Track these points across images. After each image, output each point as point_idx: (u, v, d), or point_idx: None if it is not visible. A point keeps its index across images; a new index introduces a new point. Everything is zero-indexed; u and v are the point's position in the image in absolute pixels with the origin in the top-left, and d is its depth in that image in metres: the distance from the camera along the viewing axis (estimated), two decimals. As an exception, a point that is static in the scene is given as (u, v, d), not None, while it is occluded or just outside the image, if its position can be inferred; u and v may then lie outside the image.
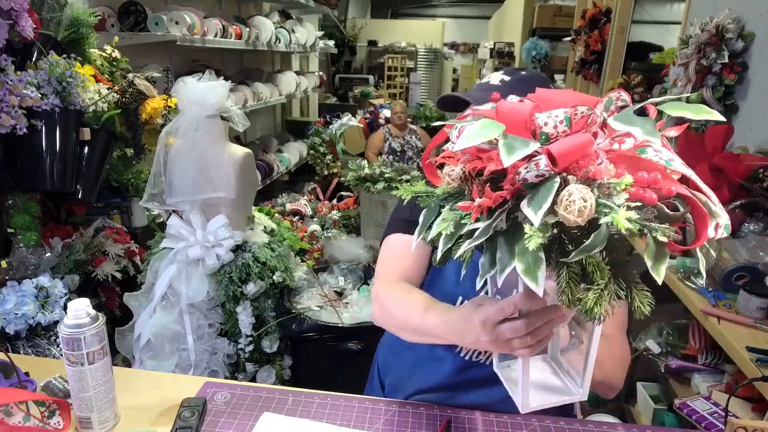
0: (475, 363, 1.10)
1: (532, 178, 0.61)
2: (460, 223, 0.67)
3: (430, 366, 1.13)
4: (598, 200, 0.59)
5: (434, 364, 1.13)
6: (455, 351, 1.11)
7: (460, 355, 1.11)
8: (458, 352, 1.11)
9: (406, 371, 1.17)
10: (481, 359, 1.10)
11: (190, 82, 1.64)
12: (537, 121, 0.64)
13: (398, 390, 1.17)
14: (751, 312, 1.36)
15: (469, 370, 1.10)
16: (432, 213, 0.76)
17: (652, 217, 0.60)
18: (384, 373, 1.23)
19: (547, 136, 0.64)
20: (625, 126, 0.62)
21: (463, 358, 1.11)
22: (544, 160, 0.60)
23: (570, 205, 0.57)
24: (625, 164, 0.63)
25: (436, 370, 1.13)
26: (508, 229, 0.65)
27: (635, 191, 0.59)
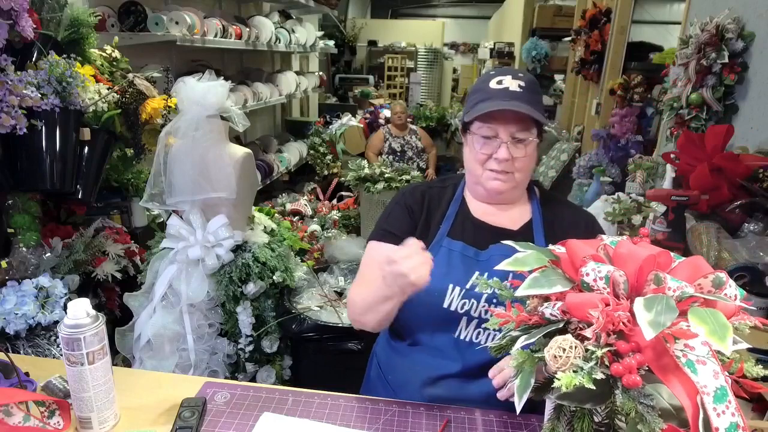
0: (476, 343, 1.11)
1: (548, 315, 0.72)
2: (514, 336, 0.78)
3: (433, 356, 1.14)
4: (576, 358, 0.65)
5: (436, 353, 1.14)
6: (454, 335, 1.12)
7: (460, 337, 1.12)
8: (457, 336, 1.12)
9: (410, 366, 1.17)
10: (480, 340, 1.11)
11: (190, 82, 1.63)
12: (581, 269, 0.72)
13: (406, 386, 1.17)
14: (751, 312, 1.36)
15: (471, 354, 1.11)
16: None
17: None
18: (387, 371, 1.23)
19: (588, 285, 0.71)
20: (697, 321, 0.64)
21: (463, 339, 1.12)
22: (559, 306, 0.70)
23: (550, 350, 0.66)
24: (651, 348, 0.66)
25: (438, 359, 1.13)
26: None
27: (616, 368, 0.64)
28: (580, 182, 4.01)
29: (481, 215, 1.20)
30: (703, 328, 0.61)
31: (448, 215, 1.20)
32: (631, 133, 3.61)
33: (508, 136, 1.10)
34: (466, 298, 1.11)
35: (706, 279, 0.70)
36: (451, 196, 1.23)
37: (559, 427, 0.72)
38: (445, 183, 1.28)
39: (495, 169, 1.12)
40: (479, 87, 1.15)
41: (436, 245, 1.16)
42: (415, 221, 1.21)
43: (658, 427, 0.61)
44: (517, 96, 1.09)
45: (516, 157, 1.11)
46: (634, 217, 2.40)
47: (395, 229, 1.20)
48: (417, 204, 1.22)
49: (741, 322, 0.68)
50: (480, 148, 1.12)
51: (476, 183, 1.18)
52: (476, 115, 1.09)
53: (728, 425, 0.59)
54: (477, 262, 1.14)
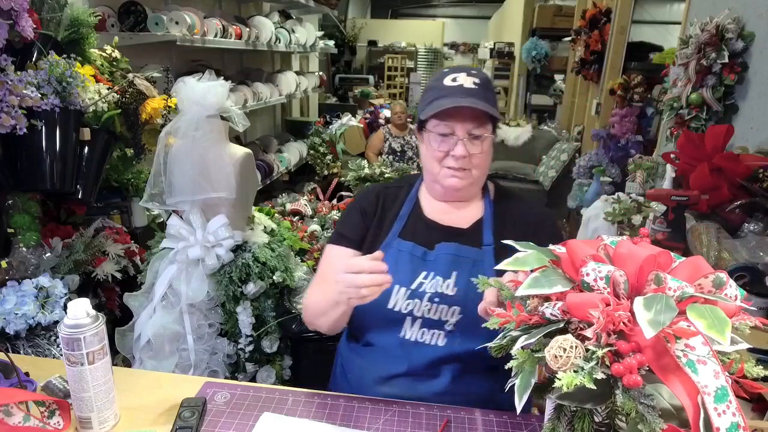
0: (421, 343, 1.12)
1: (549, 315, 0.72)
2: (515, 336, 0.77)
3: (382, 356, 1.15)
4: (577, 358, 0.65)
5: (384, 353, 1.15)
6: (399, 335, 1.13)
7: (406, 337, 1.13)
8: (403, 336, 1.13)
9: (364, 366, 1.19)
10: (425, 339, 1.12)
11: (190, 82, 1.63)
12: (582, 269, 0.71)
13: (362, 384, 1.17)
14: (751, 312, 1.36)
15: (417, 353, 1.12)
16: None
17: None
18: (348, 370, 1.24)
19: (588, 285, 0.71)
20: (696, 316, 0.64)
21: (409, 339, 1.13)
22: (559, 306, 0.70)
23: (551, 350, 0.66)
24: (651, 348, 0.65)
25: (387, 358, 1.14)
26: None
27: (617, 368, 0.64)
28: (580, 182, 4.01)
29: (433, 215, 1.21)
30: (701, 323, 0.62)
31: (400, 215, 1.21)
32: (631, 133, 3.61)
33: (464, 132, 1.11)
34: (410, 298, 1.12)
35: (707, 279, 0.70)
36: (406, 196, 1.24)
37: (559, 427, 0.72)
38: (401, 183, 1.30)
39: (452, 167, 1.13)
40: (434, 85, 1.16)
41: (387, 246, 1.17)
42: (368, 224, 1.22)
43: (659, 427, 0.61)
44: (473, 93, 1.11)
45: (473, 153, 1.13)
46: (634, 217, 2.40)
47: (348, 233, 1.23)
48: (371, 206, 1.24)
49: (741, 322, 0.68)
50: (437, 146, 1.13)
51: (434, 181, 1.19)
52: (433, 112, 1.10)
53: (729, 425, 0.59)
54: (424, 262, 1.15)
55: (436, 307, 1.11)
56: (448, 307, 1.10)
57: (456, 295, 1.11)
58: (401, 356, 1.13)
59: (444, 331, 1.11)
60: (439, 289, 1.11)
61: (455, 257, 1.14)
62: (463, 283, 1.11)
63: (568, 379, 0.62)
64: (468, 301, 1.09)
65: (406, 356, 1.12)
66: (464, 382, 1.12)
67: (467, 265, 1.13)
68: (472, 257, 1.14)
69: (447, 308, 1.10)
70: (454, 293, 1.11)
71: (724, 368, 0.63)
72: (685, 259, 0.74)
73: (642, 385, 0.63)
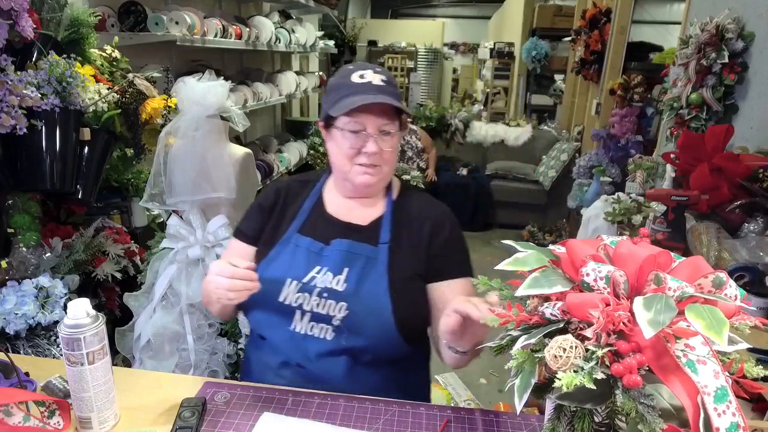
0: (311, 336, 1.13)
1: (549, 315, 0.72)
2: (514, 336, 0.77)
3: (275, 348, 1.16)
4: (577, 358, 0.65)
5: (276, 345, 1.16)
6: (290, 328, 1.14)
7: (296, 330, 1.13)
8: (293, 329, 1.14)
9: (261, 357, 1.20)
10: (314, 333, 1.13)
11: (190, 82, 1.63)
12: (581, 269, 0.71)
13: (263, 374, 1.19)
14: (751, 312, 1.36)
15: (308, 346, 1.13)
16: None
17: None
18: (250, 359, 1.27)
19: (588, 285, 0.71)
20: (694, 316, 0.63)
21: (299, 332, 1.13)
22: (559, 306, 0.70)
23: (551, 350, 0.65)
24: (651, 348, 0.65)
25: (279, 351, 1.15)
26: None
27: (617, 368, 0.64)
28: (580, 182, 4.01)
29: (335, 211, 1.23)
30: (699, 323, 0.61)
31: (302, 211, 1.22)
32: (631, 133, 3.61)
33: (375, 129, 1.12)
34: (300, 291, 1.13)
35: (707, 279, 0.70)
36: (309, 191, 1.26)
37: (559, 427, 0.72)
38: (307, 177, 1.31)
39: (365, 163, 1.14)
40: (341, 82, 1.16)
41: (286, 241, 1.19)
42: (264, 219, 1.24)
43: (659, 427, 0.61)
44: (383, 90, 1.13)
45: (384, 149, 1.14)
46: (634, 217, 2.40)
47: (245, 228, 1.26)
48: (269, 201, 1.26)
49: (741, 322, 0.68)
50: (349, 144, 1.13)
51: (344, 179, 1.19)
52: (346, 110, 1.09)
53: (729, 425, 0.59)
54: (320, 257, 1.16)
55: (325, 301, 1.12)
56: (336, 302, 1.11)
57: (345, 291, 1.12)
58: (292, 349, 1.14)
59: (332, 326, 1.12)
60: (329, 285, 1.12)
61: (348, 253, 1.15)
62: (353, 279, 1.13)
63: (568, 379, 0.62)
64: (356, 298, 1.11)
65: (297, 349, 1.13)
66: (357, 375, 1.14)
67: (360, 261, 1.14)
68: (365, 254, 1.15)
69: (335, 303, 1.11)
70: (343, 289, 1.12)
71: (724, 368, 0.63)
72: (685, 259, 0.74)
73: (642, 385, 0.63)
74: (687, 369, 0.62)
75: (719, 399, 0.60)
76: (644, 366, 0.64)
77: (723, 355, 0.66)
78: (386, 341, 1.12)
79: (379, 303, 1.11)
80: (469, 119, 5.79)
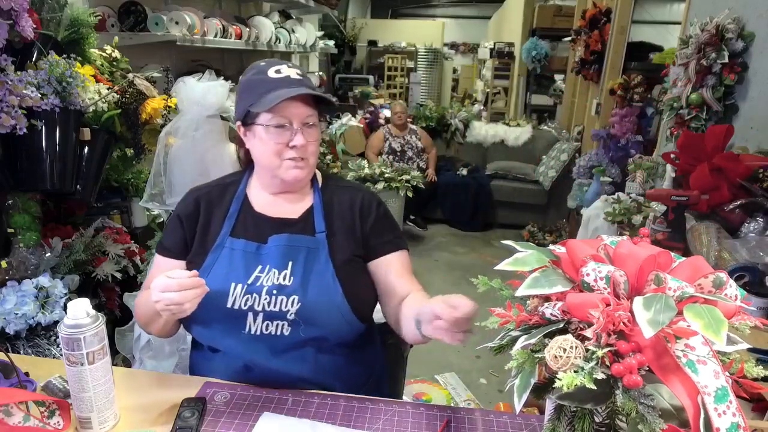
0: (266, 335, 1.12)
1: (549, 315, 0.72)
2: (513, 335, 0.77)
3: (232, 354, 1.15)
4: (577, 358, 0.65)
5: (232, 352, 1.14)
6: (243, 332, 1.12)
7: (251, 332, 1.12)
8: (247, 331, 1.12)
9: (218, 364, 1.17)
10: (270, 331, 1.12)
11: (190, 82, 1.63)
12: (582, 269, 0.71)
13: (225, 378, 1.16)
14: (751, 312, 1.36)
15: (265, 345, 1.12)
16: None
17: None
18: (204, 369, 1.22)
19: (588, 285, 0.71)
20: (692, 316, 0.63)
21: (254, 334, 1.12)
22: (559, 306, 0.70)
23: (551, 350, 0.65)
24: (651, 348, 0.65)
25: (237, 355, 1.14)
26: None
27: (617, 368, 0.64)
28: (580, 182, 4.01)
29: (264, 208, 1.21)
30: (698, 323, 0.62)
31: (230, 214, 1.20)
32: (631, 133, 3.61)
33: (300, 122, 1.13)
34: (248, 293, 1.11)
35: (707, 279, 0.70)
36: (233, 194, 1.23)
37: (559, 427, 0.72)
38: (225, 180, 1.28)
39: (293, 157, 1.14)
40: (258, 78, 1.15)
41: (219, 247, 1.16)
42: (188, 231, 1.21)
43: (659, 427, 0.61)
44: (302, 83, 1.14)
45: (309, 142, 1.14)
46: (634, 217, 2.40)
47: (169, 244, 1.22)
48: (189, 212, 1.22)
49: (741, 322, 0.68)
50: (276, 139, 1.13)
51: (273, 176, 1.18)
52: (274, 104, 1.09)
53: (729, 425, 0.59)
54: (258, 256, 1.15)
55: (275, 298, 1.11)
56: (287, 297, 1.11)
57: (293, 284, 1.12)
58: (249, 351, 1.13)
59: (287, 321, 1.12)
60: (276, 281, 1.12)
61: (288, 247, 1.15)
62: (299, 271, 1.13)
63: (568, 380, 0.62)
64: (305, 289, 1.12)
65: (255, 350, 1.12)
66: (318, 364, 1.14)
67: (302, 253, 1.15)
68: (305, 245, 1.16)
69: (286, 298, 1.11)
70: (291, 283, 1.12)
71: (724, 368, 0.63)
72: (685, 259, 0.74)
73: (642, 385, 0.63)
74: (687, 369, 0.62)
75: (719, 399, 0.60)
76: (644, 366, 0.64)
77: (723, 355, 0.66)
78: (343, 324, 1.14)
79: (329, 289, 1.13)
80: (469, 119, 5.79)
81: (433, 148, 5.23)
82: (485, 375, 2.78)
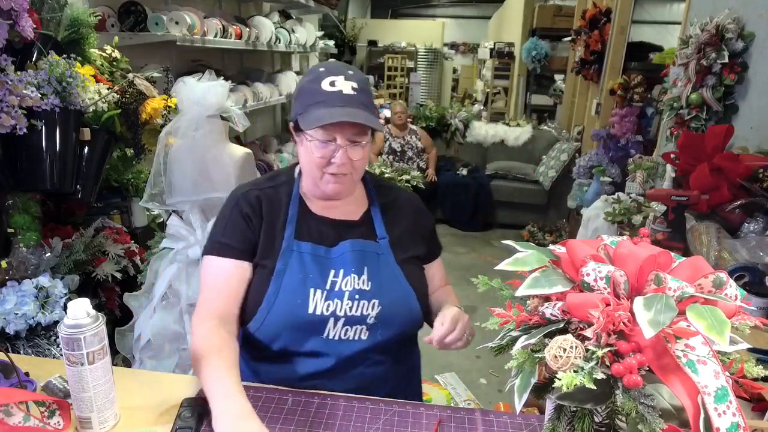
0: (345, 339, 1.13)
1: (549, 315, 0.72)
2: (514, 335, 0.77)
3: (304, 358, 1.14)
4: (577, 358, 0.65)
5: (307, 355, 1.14)
6: (323, 336, 1.12)
7: (329, 337, 1.12)
8: (326, 336, 1.12)
9: (282, 367, 1.16)
10: (349, 336, 1.13)
11: (190, 82, 1.63)
12: (582, 269, 0.71)
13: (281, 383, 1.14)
14: (751, 312, 1.36)
15: (342, 349, 1.13)
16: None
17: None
18: (259, 371, 1.21)
19: (588, 285, 0.71)
20: (695, 317, 0.63)
21: (333, 338, 1.12)
22: (559, 306, 0.71)
23: (551, 350, 0.65)
24: (651, 348, 0.65)
25: (310, 359, 1.14)
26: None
27: (617, 368, 0.64)
28: (580, 182, 4.01)
29: (322, 210, 1.20)
30: (701, 324, 0.61)
31: (290, 217, 1.17)
32: (631, 133, 3.61)
33: (345, 140, 1.09)
34: (329, 299, 1.11)
35: (707, 279, 0.70)
36: (288, 196, 1.20)
37: (559, 427, 0.72)
38: (275, 182, 1.23)
39: (334, 173, 1.12)
40: (311, 87, 1.11)
41: (288, 250, 1.14)
42: (255, 230, 1.16)
43: (659, 427, 0.61)
44: (353, 101, 1.08)
45: (354, 159, 1.11)
46: (634, 217, 2.40)
47: (234, 242, 1.14)
48: (255, 210, 1.17)
49: (741, 322, 0.68)
50: (319, 154, 1.10)
51: (314, 185, 1.17)
52: (315, 126, 1.06)
53: (729, 425, 0.59)
54: (329, 260, 1.14)
55: (357, 303, 1.12)
56: (368, 301, 1.12)
57: (371, 288, 1.13)
58: (327, 354, 1.13)
59: (366, 325, 1.13)
60: (357, 286, 1.12)
61: (361, 252, 1.15)
62: (375, 275, 1.14)
63: (568, 379, 0.62)
64: (384, 292, 1.14)
65: (332, 353, 1.13)
66: (384, 368, 1.18)
67: (373, 257, 1.16)
68: (374, 251, 1.17)
69: (367, 303, 1.12)
70: (369, 287, 1.13)
71: (724, 368, 0.63)
72: (685, 259, 0.74)
73: (642, 385, 0.63)
74: (687, 369, 0.62)
75: (719, 399, 0.60)
76: (644, 366, 0.64)
77: (723, 355, 0.66)
78: (414, 326, 1.20)
79: (404, 293, 1.16)
80: (469, 119, 5.79)
81: (433, 148, 5.23)
82: (485, 375, 2.78)
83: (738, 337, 0.67)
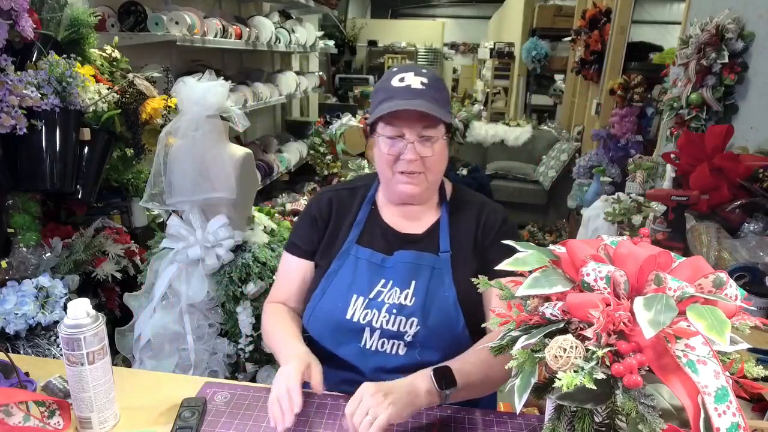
0: (381, 352, 1.10)
1: (549, 315, 0.72)
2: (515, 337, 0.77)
3: (340, 365, 1.14)
4: (577, 358, 0.65)
5: (343, 363, 1.13)
6: (360, 345, 1.11)
7: (366, 347, 1.11)
8: (363, 345, 1.11)
9: (324, 370, 1.14)
10: (386, 349, 1.10)
11: (190, 82, 1.63)
12: (582, 269, 0.71)
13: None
14: (751, 312, 1.36)
15: (378, 360, 1.11)
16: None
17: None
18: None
19: (588, 285, 0.70)
20: (695, 317, 0.63)
21: (369, 348, 1.11)
22: (559, 306, 0.70)
23: (551, 350, 0.65)
24: (652, 348, 0.65)
25: (345, 368, 1.13)
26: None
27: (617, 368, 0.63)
28: (580, 182, 4.01)
29: (391, 219, 1.18)
30: (701, 324, 0.61)
31: (357, 221, 1.17)
32: (631, 133, 3.61)
33: (414, 135, 1.07)
34: (368, 308, 1.09)
35: (707, 279, 0.70)
36: (362, 200, 1.20)
37: (559, 427, 0.72)
38: (354, 184, 1.25)
39: (404, 171, 1.09)
40: (381, 86, 1.12)
41: (345, 253, 1.14)
42: (320, 231, 1.19)
43: (659, 427, 0.61)
44: (420, 94, 1.06)
45: (424, 156, 1.08)
46: (634, 217, 2.40)
47: (300, 242, 1.21)
48: (322, 213, 1.20)
49: (741, 322, 0.68)
50: (387, 149, 1.09)
51: (387, 186, 1.16)
52: (379, 115, 1.06)
53: (729, 425, 0.59)
54: (383, 269, 1.12)
55: (394, 318, 1.08)
56: (406, 318, 1.08)
57: (413, 305, 1.09)
58: (362, 364, 1.11)
59: (404, 342, 1.09)
60: (397, 300, 1.09)
61: (415, 265, 1.11)
62: (422, 292, 1.09)
63: (568, 379, 0.62)
64: (426, 313, 1.08)
65: (367, 364, 1.11)
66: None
67: (425, 273, 1.11)
68: (430, 264, 1.12)
69: (405, 319, 1.08)
70: (412, 303, 1.09)
71: (725, 368, 0.63)
72: (685, 259, 0.74)
73: (642, 385, 0.63)
74: (687, 369, 0.62)
75: (720, 399, 0.60)
76: (644, 366, 0.64)
77: (723, 355, 0.66)
78: (459, 347, 1.09)
79: (451, 319, 1.09)
80: (469, 119, 5.79)
81: (433, 148, 5.22)
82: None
83: (738, 337, 0.67)
